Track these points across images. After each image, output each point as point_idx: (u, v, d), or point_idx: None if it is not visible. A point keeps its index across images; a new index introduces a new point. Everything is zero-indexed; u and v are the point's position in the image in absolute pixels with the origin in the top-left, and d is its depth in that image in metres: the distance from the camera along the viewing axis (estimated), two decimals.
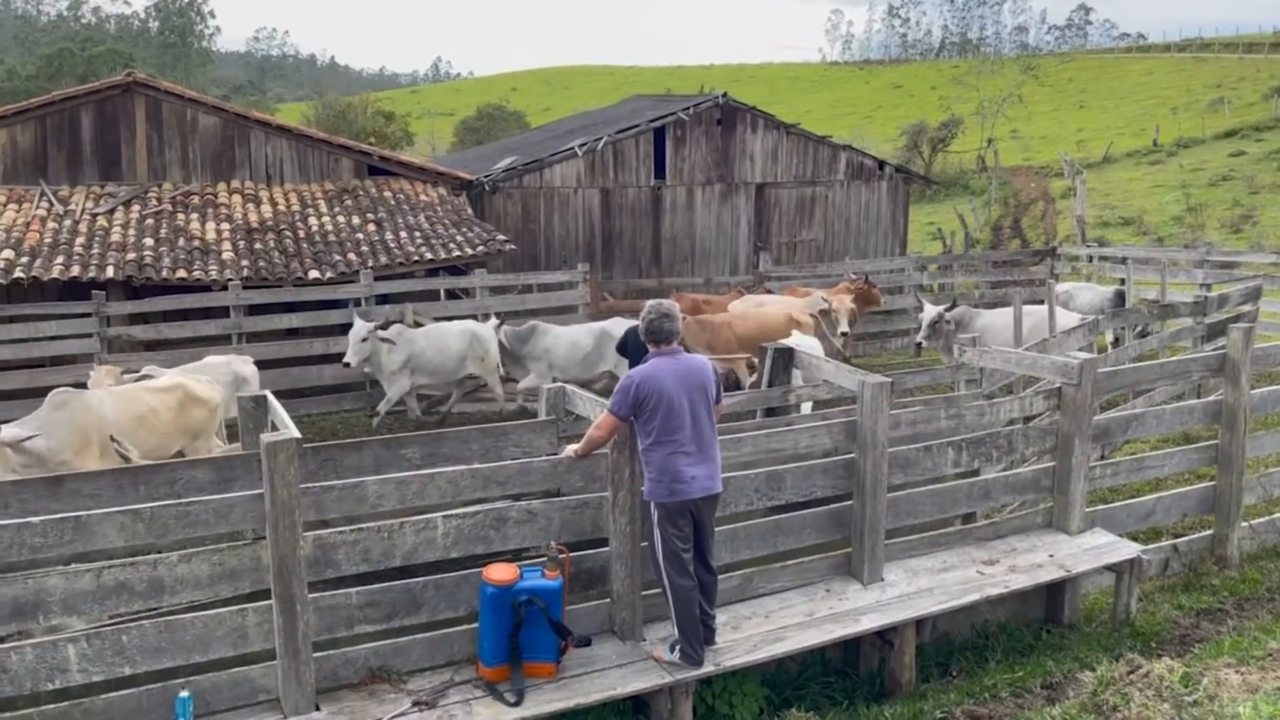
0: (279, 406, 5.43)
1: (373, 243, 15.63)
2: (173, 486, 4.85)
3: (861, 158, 22.17)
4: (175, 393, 9.01)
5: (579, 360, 12.85)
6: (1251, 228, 26.69)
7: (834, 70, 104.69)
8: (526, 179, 19.32)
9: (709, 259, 20.65)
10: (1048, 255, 20.06)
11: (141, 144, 16.79)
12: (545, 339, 12.91)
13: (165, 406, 8.84)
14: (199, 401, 9.11)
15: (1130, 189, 34.86)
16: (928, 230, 31.18)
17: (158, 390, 9.01)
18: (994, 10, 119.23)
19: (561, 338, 13.00)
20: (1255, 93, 49.15)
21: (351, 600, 4.69)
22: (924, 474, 6.13)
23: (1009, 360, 7.36)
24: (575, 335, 13.02)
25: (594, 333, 13.02)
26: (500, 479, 4.97)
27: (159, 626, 4.35)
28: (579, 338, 12.97)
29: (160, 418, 8.72)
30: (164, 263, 14.26)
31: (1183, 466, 7.46)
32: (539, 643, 4.80)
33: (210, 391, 9.32)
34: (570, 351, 12.84)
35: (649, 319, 5.09)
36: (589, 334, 13.05)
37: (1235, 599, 6.58)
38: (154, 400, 8.82)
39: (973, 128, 44.88)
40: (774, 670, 5.51)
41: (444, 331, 12.80)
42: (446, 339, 12.68)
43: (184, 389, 9.08)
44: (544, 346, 12.85)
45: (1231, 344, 7.01)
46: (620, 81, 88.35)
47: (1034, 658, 5.81)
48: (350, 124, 41.84)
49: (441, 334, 12.76)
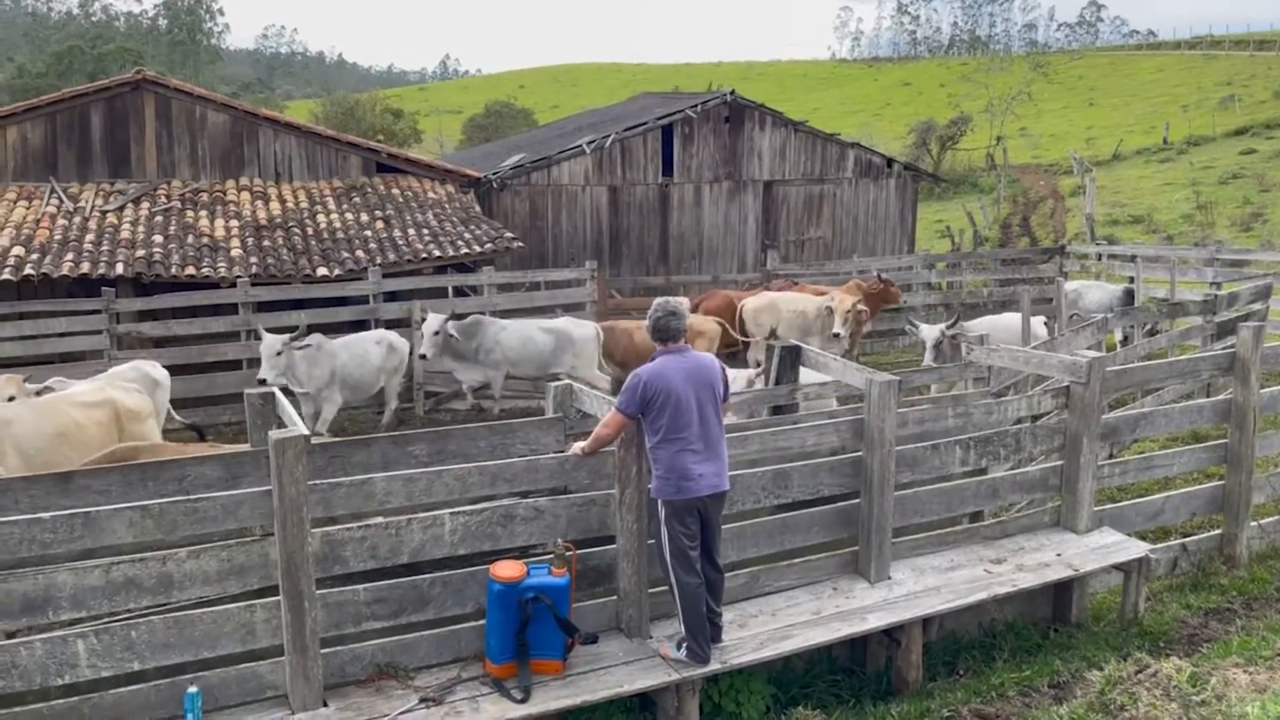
0: (287, 403, 5.45)
1: (381, 240, 15.66)
2: (181, 483, 4.87)
3: (870, 155, 22.13)
4: (105, 409, 8.12)
5: (533, 357, 12.50)
6: (1262, 226, 26.56)
7: (842, 67, 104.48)
8: (534, 176, 19.33)
9: (716, 257, 20.64)
10: (1057, 253, 20.00)
11: (151, 141, 16.85)
12: (491, 332, 12.45)
13: (93, 422, 7.91)
14: (135, 416, 8.26)
15: (1140, 187, 34.72)
16: (936, 228, 31.11)
17: (84, 405, 8.07)
18: (1004, 8, 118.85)
19: (512, 331, 12.60)
20: (1266, 90, 48.89)
21: (359, 597, 4.70)
22: (931, 472, 6.12)
23: (1017, 359, 7.34)
24: (528, 331, 12.67)
25: (552, 331, 12.67)
26: (508, 476, 4.98)
27: (168, 622, 4.37)
28: (533, 334, 12.62)
29: (86, 433, 7.76)
30: (173, 260, 14.31)
31: (1191, 465, 7.44)
32: (546, 640, 4.81)
33: (141, 402, 8.56)
34: (523, 346, 12.47)
35: (656, 317, 5.10)
36: (545, 332, 12.68)
37: (1244, 599, 6.55)
38: (79, 415, 7.90)
39: (982, 125, 44.72)
40: (780, 668, 5.51)
41: (363, 341, 12.02)
42: (366, 349, 11.90)
43: (115, 405, 8.19)
44: (493, 340, 12.39)
45: (1241, 343, 6.98)
46: (628, 79, 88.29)
47: (1041, 657, 5.80)
48: (358, 121, 41.92)
49: (361, 344, 11.95)
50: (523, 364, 12.58)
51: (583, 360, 12.63)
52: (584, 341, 12.65)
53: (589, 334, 12.77)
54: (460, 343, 12.21)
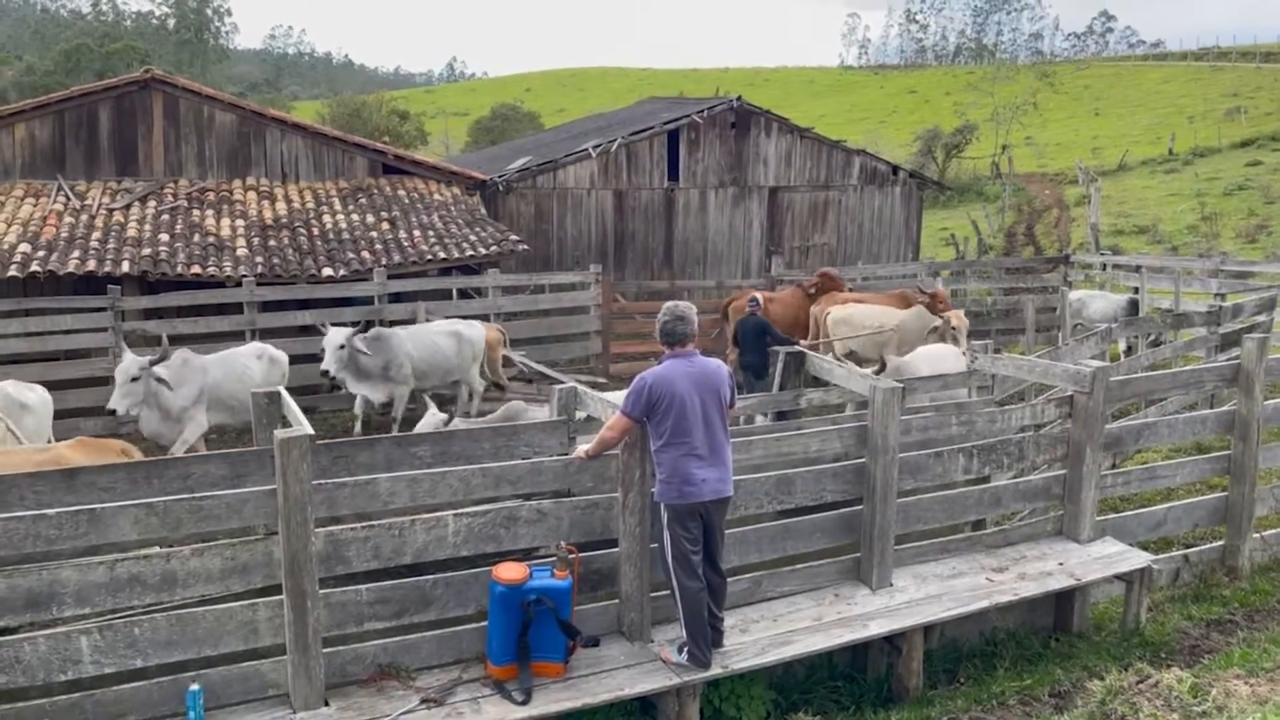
0: (292, 402, 5.46)
1: (386, 241, 15.69)
2: (186, 481, 4.88)
3: (875, 162, 22.15)
4: None
5: (440, 364, 11.90)
6: (1267, 237, 26.54)
7: (849, 75, 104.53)
8: (540, 179, 19.36)
9: (721, 262, 20.67)
10: (1061, 262, 19.99)
11: (158, 140, 16.90)
12: (397, 344, 11.51)
13: None
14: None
15: (1145, 197, 34.70)
16: (941, 236, 31.10)
17: None
18: (1012, 17, 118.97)
19: (418, 340, 11.81)
20: (1272, 102, 48.85)
21: (362, 597, 4.72)
22: (934, 480, 6.12)
23: (1021, 367, 7.35)
24: (430, 338, 11.97)
25: (452, 334, 12.10)
26: (511, 478, 5.00)
27: (171, 620, 4.38)
28: (435, 340, 11.94)
29: None
30: (179, 258, 14.34)
31: (1194, 476, 7.44)
32: (547, 642, 4.82)
33: None
34: (431, 355, 11.82)
35: (663, 321, 5.11)
36: (446, 336, 12.05)
37: (1245, 610, 6.55)
38: None
39: (987, 134, 44.72)
40: (781, 673, 5.52)
41: (239, 357, 10.96)
42: (244, 365, 10.85)
43: None
44: (402, 353, 11.48)
45: (1245, 354, 6.98)
46: (635, 83, 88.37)
47: (1042, 666, 5.79)
48: (365, 122, 41.96)
49: (237, 360, 10.88)
50: (430, 374, 11.87)
51: (476, 362, 12.28)
52: (478, 342, 12.32)
53: (481, 334, 12.38)
54: (368, 359, 11.16)
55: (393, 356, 11.42)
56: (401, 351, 11.49)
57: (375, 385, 11.42)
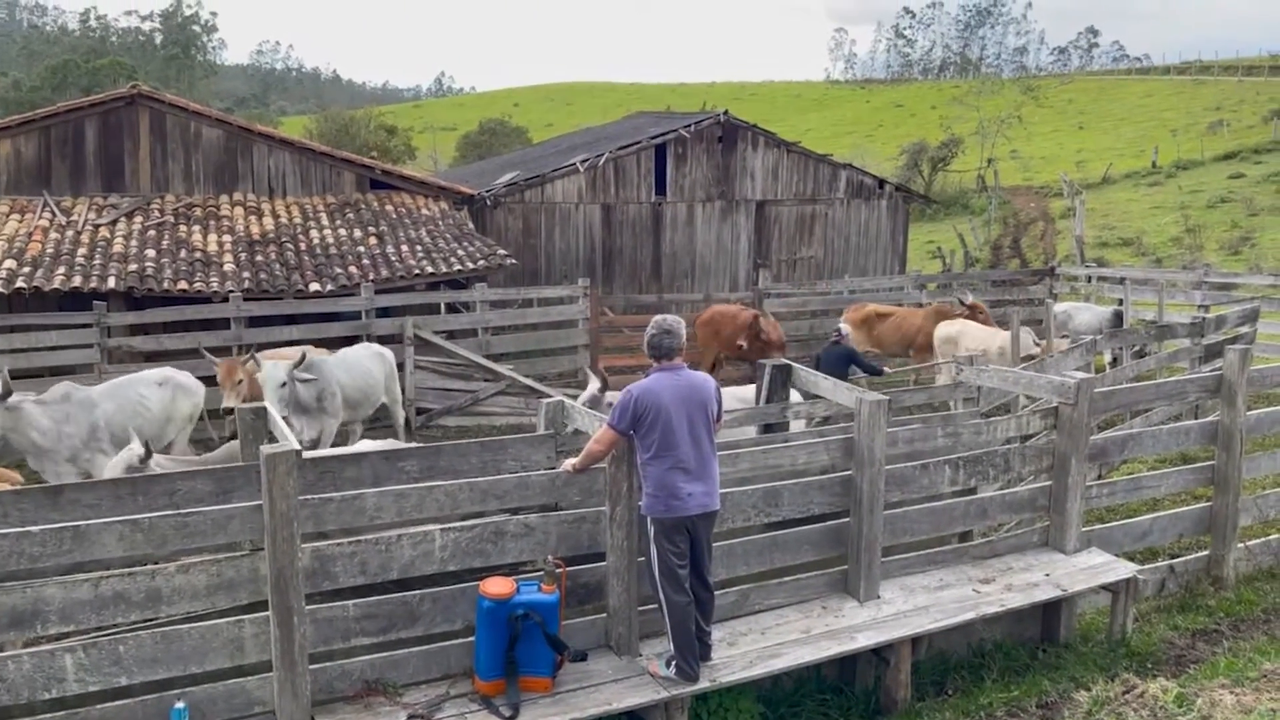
0: (279, 418, 5.45)
1: (374, 256, 15.69)
2: (171, 497, 4.87)
3: (861, 176, 22.27)
4: None
5: (369, 390, 11.20)
6: (1250, 249, 26.76)
7: (835, 89, 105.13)
8: (528, 194, 19.40)
9: (709, 275, 20.72)
10: (1047, 275, 20.12)
11: (145, 156, 16.88)
12: (328, 371, 10.50)
13: None
14: None
15: (1129, 210, 34.98)
16: (927, 249, 31.26)
17: None
18: (996, 31, 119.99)
19: (349, 366, 10.98)
20: (1254, 115, 49.35)
21: (348, 612, 4.70)
22: (921, 492, 6.14)
23: (1006, 379, 7.39)
24: (360, 363, 11.25)
25: (377, 356, 11.59)
26: (498, 493, 4.99)
27: (156, 637, 4.36)
28: (364, 364, 11.25)
29: None
30: (165, 274, 14.31)
31: (1179, 487, 7.48)
32: (535, 657, 4.81)
33: None
34: (363, 381, 11.10)
35: (651, 334, 5.12)
36: (373, 358, 11.47)
37: (1231, 620, 6.58)
38: None
39: (973, 147, 45.05)
40: (770, 686, 5.51)
41: (136, 385, 9.80)
42: (141, 396, 9.68)
43: None
44: (335, 382, 10.53)
45: (1228, 365, 7.03)
46: (622, 98, 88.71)
47: (1030, 677, 5.81)
48: (353, 138, 42.02)
49: (133, 389, 9.71)
50: (362, 404, 11.14)
51: (393, 384, 11.84)
52: (393, 363, 11.97)
53: (391, 355, 12.01)
54: (303, 391, 9.99)
55: (326, 385, 10.36)
56: (334, 380, 10.55)
57: (306, 419, 10.11)
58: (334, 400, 10.43)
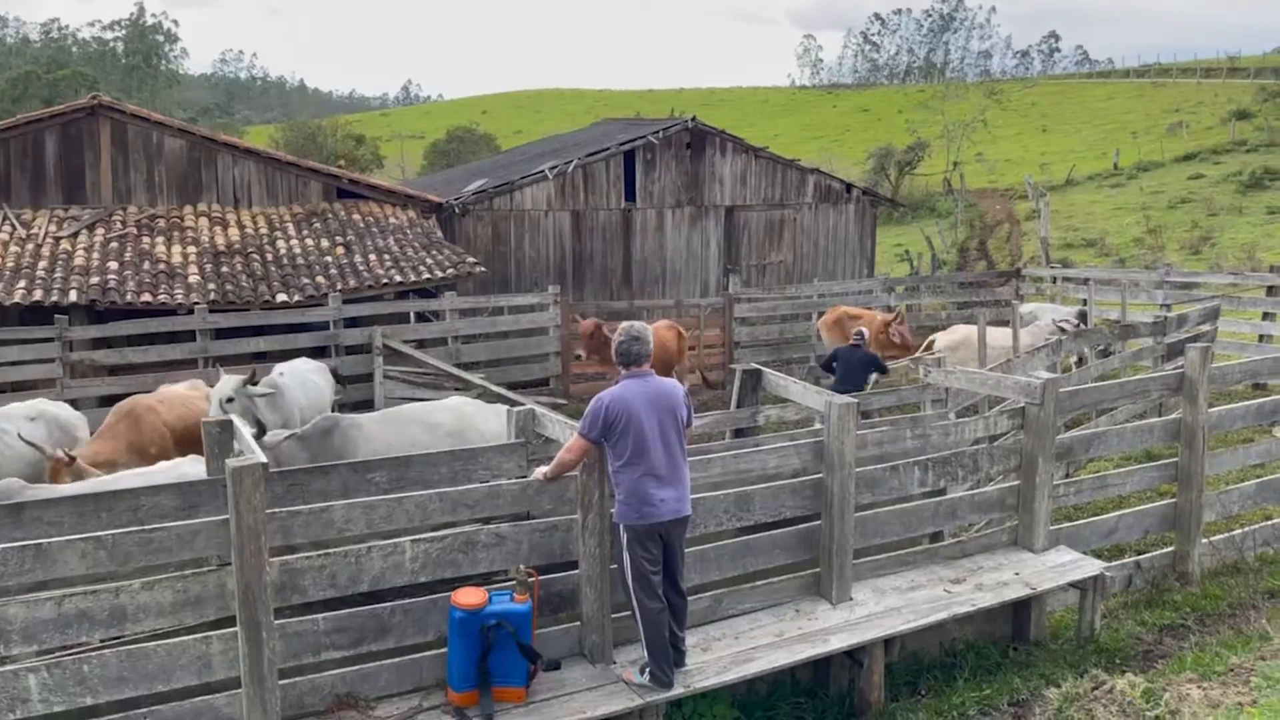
0: (245, 431, 5.40)
1: (341, 266, 15.58)
2: (135, 513, 4.80)
3: (829, 181, 22.40)
4: None
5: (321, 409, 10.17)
6: (1210, 249, 27.21)
7: (802, 94, 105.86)
8: (497, 201, 19.34)
9: (679, 281, 20.75)
10: (1013, 276, 20.33)
11: (106, 167, 16.66)
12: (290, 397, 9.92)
13: None
14: None
15: (1092, 211, 35.45)
16: (895, 252, 31.51)
17: None
18: (960, 37, 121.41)
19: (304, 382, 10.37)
20: (1213, 117, 50.26)
21: (318, 626, 4.65)
22: (891, 494, 6.18)
23: (974, 380, 7.46)
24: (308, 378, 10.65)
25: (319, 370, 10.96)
26: (469, 502, 4.96)
27: (121, 655, 4.29)
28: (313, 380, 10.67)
29: None
30: (128, 286, 14.13)
31: (1144, 484, 7.58)
32: (508, 667, 4.78)
33: None
34: (317, 400, 10.48)
35: (619, 341, 5.13)
36: (317, 370, 10.93)
37: (1197, 615, 6.67)
38: None
39: (939, 151, 45.52)
40: (744, 691, 5.52)
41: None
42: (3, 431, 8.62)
43: None
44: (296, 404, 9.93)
45: (1190, 363, 7.14)
46: (591, 105, 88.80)
47: (1001, 675, 5.85)
48: (319, 147, 41.75)
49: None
50: None
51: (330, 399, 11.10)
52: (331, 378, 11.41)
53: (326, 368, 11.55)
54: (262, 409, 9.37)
55: (289, 415, 9.68)
56: (295, 405, 9.88)
57: None
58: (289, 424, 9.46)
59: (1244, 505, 7.81)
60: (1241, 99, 50.43)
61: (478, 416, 7.89)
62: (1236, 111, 47.41)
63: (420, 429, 7.62)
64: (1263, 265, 20.51)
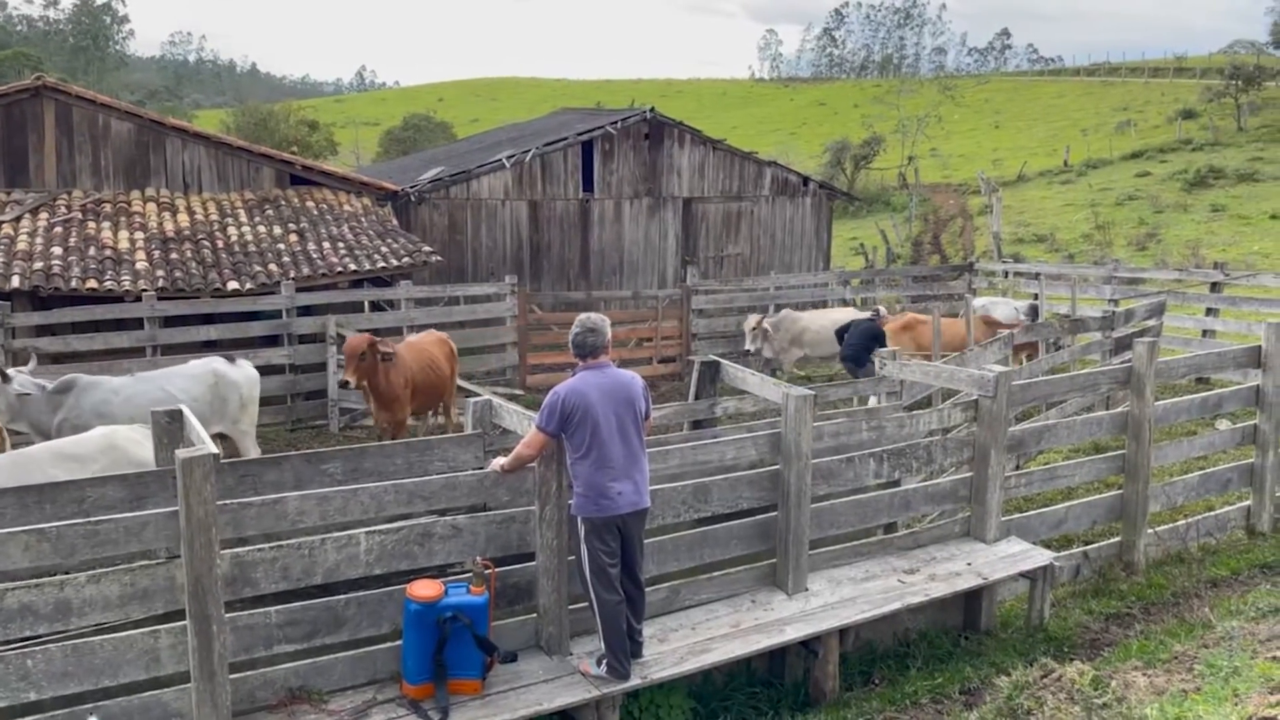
0: (195, 421, 5.29)
1: (294, 253, 15.34)
2: (81, 505, 4.69)
3: (786, 174, 22.51)
4: None
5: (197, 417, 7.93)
6: (1156, 245, 27.80)
7: (760, 87, 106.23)
8: (453, 190, 19.17)
9: (637, 272, 20.73)
10: (966, 270, 20.61)
11: (50, 150, 16.23)
12: (89, 400, 8.65)
13: None
14: None
15: (1043, 207, 36.04)
16: (851, 245, 31.78)
17: None
18: (915, 32, 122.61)
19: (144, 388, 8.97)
20: (1160, 115, 51.32)
21: (270, 619, 4.58)
22: (846, 485, 6.23)
23: (928, 374, 7.54)
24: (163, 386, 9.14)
25: (193, 379, 9.41)
26: (425, 494, 4.91)
27: (66, 650, 4.20)
28: (171, 388, 9.08)
29: None
30: (73, 272, 13.79)
31: (1092, 476, 7.72)
32: (464, 659, 4.75)
33: None
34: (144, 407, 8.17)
35: (575, 333, 5.10)
36: (189, 379, 9.36)
37: (1142, 604, 6.82)
38: None
39: (894, 145, 45.96)
40: (701, 682, 5.54)
41: None
42: None
43: None
44: (96, 412, 8.56)
45: (1136, 358, 7.28)
46: (548, 94, 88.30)
47: (953, 664, 5.94)
48: (272, 132, 41.01)
49: None
50: None
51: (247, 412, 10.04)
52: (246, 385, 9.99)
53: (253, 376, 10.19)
54: (36, 413, 8.44)
55: (75, 417, 8.38)
56: (92, 412, 8.47)
57: None
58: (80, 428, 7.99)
59: (1188, 496, 7.99)
60: (1188, 99, 51.56)
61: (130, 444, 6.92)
62: (1183, 111, 48.48)
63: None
64: (1206, 262, 21.01)
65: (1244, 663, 4.87)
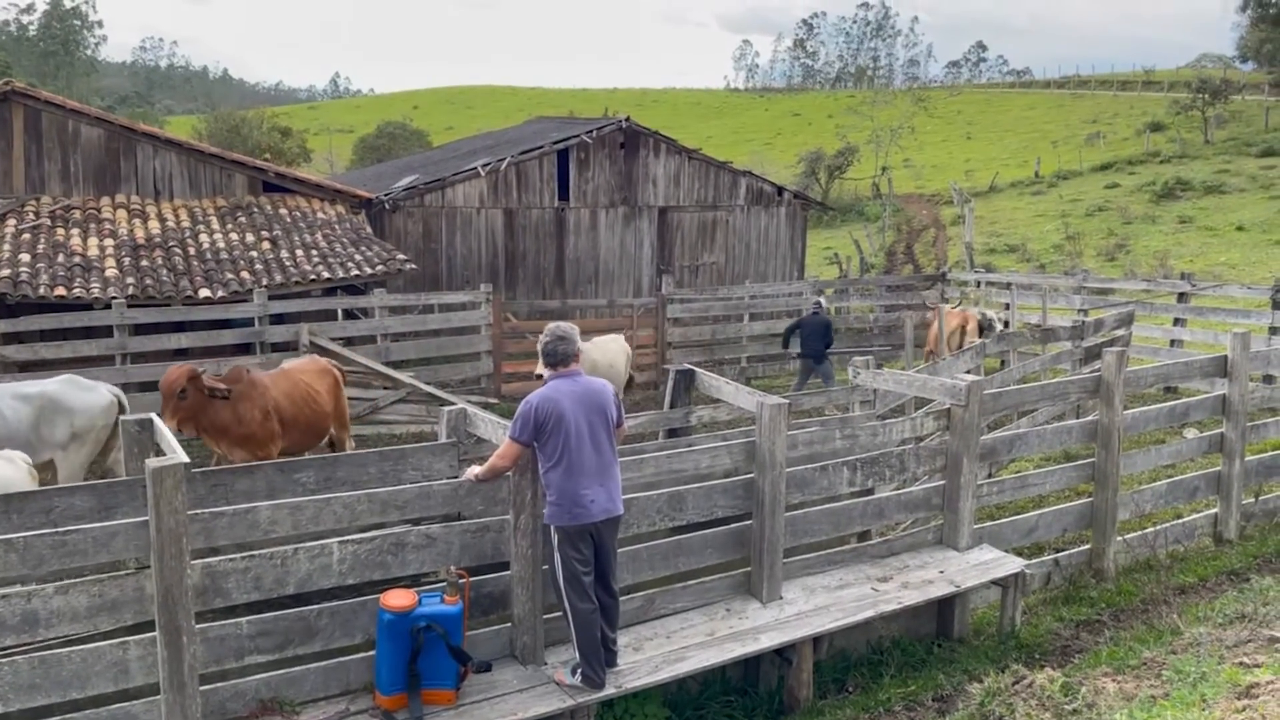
0: (166, 430, 5.24)
1: (267, 261, 15.23)
2: (49, 515, 4.63)
3: (761, 183, 22.63)
4: None
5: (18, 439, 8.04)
6: (1125, 255, 28.18)
7: (735, 97, 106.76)
8: (428, 198, 19.12)
9: (613, 281, 20.76)
10: (938, 280, 20.78)
11: (19, 155, 16.04)
12: None
13: None
14: None
15: (1015, 218, 36.44)
16: (825, 255, 31.99)
17: None
18: (888, 43, 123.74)
19: None
20: (1129, 128, 52.07)
21: (242, 630, 4.54)
22: (820, 493, 6.26)
23: (901, 382, 7.59)
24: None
25: (34, 399, 8.50)
26: (399, 503, 4.89)
27: (33, 662, 4.14)
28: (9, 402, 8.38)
29: None
30: (41, 279, 13.62)
31: (1063, 484, 7.79)
32: (438, 669, 4.73)
33: None
34: None
35: (545, 342, 5.10)
36: (24, 400, 8.48)
37: (1112, 610, 6.88)
38: None
39: (868, 156, 46.30)
40: (675, 690, 5.54)
41: None
42: None
43: None
44: None
45: (1106, 367, 7.36)
46: (524, 102, 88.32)
47: (926, 671, 5.97)
48: (245, 139, 40.73)
49: None
50: None
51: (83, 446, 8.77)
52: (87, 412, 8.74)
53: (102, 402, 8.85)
54: None
55: None
56: None
57: None
58: None
59: (1156, 504, 8.09)
60: (1156, 111, 52.34)
61: None
62: (1151, 124, 49.21)
63: None
64: (1174, 272, 21.32)
65: (1211, 668, 4.93)
